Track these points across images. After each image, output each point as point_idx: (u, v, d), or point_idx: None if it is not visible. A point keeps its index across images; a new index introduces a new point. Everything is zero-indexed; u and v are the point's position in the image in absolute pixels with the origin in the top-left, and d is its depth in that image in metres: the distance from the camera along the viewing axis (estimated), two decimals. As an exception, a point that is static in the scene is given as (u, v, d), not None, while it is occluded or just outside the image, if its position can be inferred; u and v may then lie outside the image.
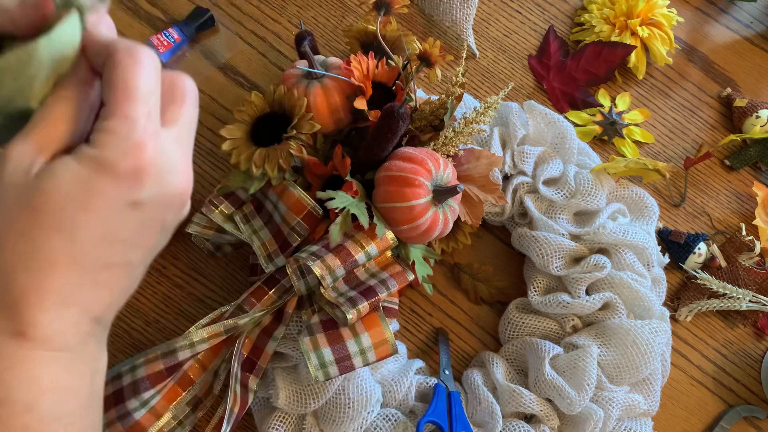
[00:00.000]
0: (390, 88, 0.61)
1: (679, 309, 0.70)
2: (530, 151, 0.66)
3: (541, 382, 0.60)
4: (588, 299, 0.62)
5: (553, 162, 0.67)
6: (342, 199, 0.53)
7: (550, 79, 0.77)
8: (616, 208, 0.66)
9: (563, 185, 0.66)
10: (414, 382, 0.61)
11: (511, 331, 0.66)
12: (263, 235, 0.59)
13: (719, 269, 0.70)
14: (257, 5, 0.78)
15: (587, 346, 0.61)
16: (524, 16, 0.81)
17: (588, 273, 0.62)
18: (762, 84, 0.80)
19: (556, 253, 0.63)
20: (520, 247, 0.67)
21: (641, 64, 0.77)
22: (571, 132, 0.68)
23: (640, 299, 0.63)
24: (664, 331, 0.62)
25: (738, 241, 0.71)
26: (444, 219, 0.56)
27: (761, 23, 0.83)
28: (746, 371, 0.69)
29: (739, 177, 0.76)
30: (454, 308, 0.69)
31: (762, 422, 0.68)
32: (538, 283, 0.66)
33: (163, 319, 0.66)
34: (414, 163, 0.54)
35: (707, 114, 0.78)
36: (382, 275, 0.56)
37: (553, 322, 0.65)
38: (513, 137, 0.67)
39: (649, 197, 0.69)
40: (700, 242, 0.70)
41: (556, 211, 0.66)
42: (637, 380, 0.61)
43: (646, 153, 0.76)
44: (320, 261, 0.53)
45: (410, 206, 0.53)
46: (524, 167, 0.66)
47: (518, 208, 0.67)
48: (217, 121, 0.73)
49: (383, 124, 0.55)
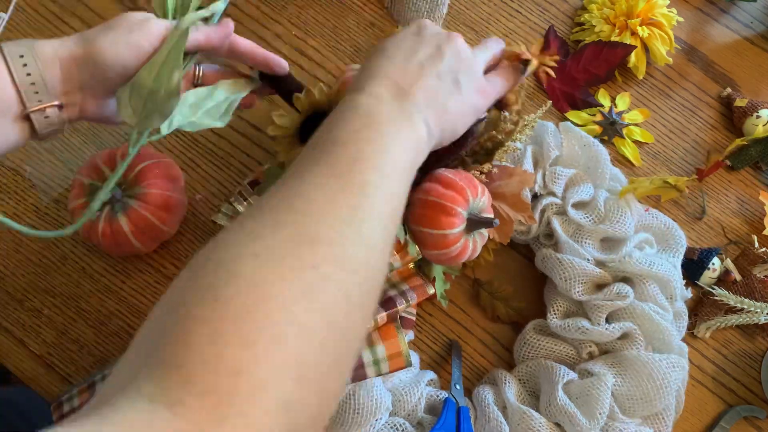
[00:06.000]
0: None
1: (697, 326, 0.69)
2: (562, 172, 0.66)
3: (552, 407, 0.59)
4: (607, 327, 0.61)
5: (584, 185, 0.66)
6: None
7: (550, 79, 0.77)
8: (644, 237, 0.65)
9: (592, 210, 0.65)
10: (424, 394, 0.61)
11: (526, 352, 0.65)
12: None
13: (734, 283, 0.69)
14: (257, 5, 0.78)
15: (602, 374, 0.60)
16: (524, 16, 0.81)
17: (610, 301, 0.62)
18: (762, 84, 0.80)
19: (580, 278, 0.63)
20: (543, 268, 0.66)
21: (641, 64, 0.77)
22: (605, 157, 0.67)
23: (660, 332, 0.62)
24: (682, 367, 0.61)
25: (752, 253, 0.70)
26: (473, 246, 0.55)
27: (761, 23, 0.83)
28: (746, 371, 0.69)
29: (739, 177, 0.76)
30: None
31: (762, 422, 0.68)
32: (558, 306, 0.65)
33: (163, 319, 0.66)
34: (453, 190, 0.52)
35: (707, 114, 0.78)
36: (403, 286, 0.56)
37: (569, 346, 0.64)
38: (546, 157, 0.66)
39: (678, 229, 0.68)
40: (714, 257, 0.69)
41: (583, 236, 0.65)
42: (650, 414, 0.61)
43: (646, 153, 0.76)
44: None
45: (444, 234, 0.52)
46: (555, 188, 0.65)
47: (545, 228, 0.67)
48: (217, 121, 0.73)
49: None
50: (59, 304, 0.66)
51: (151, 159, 0.63)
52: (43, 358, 0.65)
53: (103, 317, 0.66)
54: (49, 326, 0.66)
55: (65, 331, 0.66)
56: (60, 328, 0.66)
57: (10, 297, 0.66)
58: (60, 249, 0.68)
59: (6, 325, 0.66)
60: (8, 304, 0.66)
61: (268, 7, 0.78)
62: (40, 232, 0.52)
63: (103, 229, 0.61)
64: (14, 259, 0.67)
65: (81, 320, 0.66)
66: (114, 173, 0.53)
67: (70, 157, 0.71)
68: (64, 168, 0.70)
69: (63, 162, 0.71)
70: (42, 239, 0.68)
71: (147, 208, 0.61)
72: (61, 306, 0.66)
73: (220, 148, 0.72)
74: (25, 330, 0.66)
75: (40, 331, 0.66)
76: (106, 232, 0.61)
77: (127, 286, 0.67)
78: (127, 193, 0.61)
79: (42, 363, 0.65)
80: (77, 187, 0.62)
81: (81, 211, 0.61)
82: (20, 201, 0.69)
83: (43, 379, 0.64)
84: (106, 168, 0.62)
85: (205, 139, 0.72)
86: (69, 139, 0.71)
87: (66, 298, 0.67)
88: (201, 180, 0.71)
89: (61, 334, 0.66)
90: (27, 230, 0.51)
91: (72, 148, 0.71)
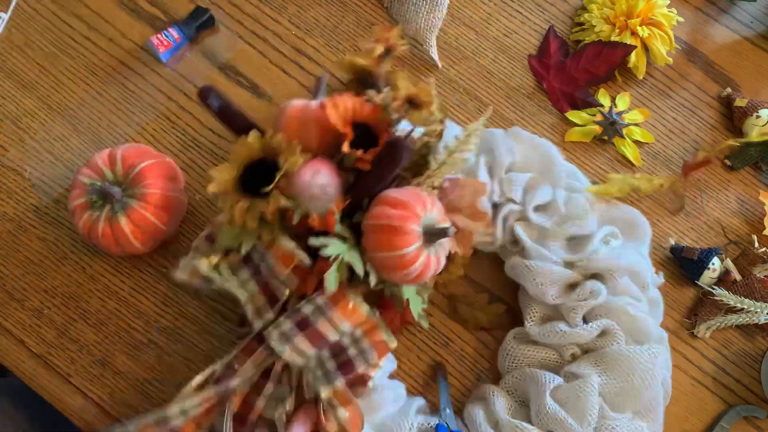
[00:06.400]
0: (371, 129, 0.58)
1: (697, 326, 0.69)
2: (518, 178, 0.65)
3: (543, 415, 0.59)
4: (585, 327, 0.61)
5: (542, 188, 0.66)
6: (336, 247, 0.52)
7: (550, 79, 0.77)
8: (609, 231, 0.65)
9: (554, 211, 0.65)
10: (415, 425, 0.60)
11: (510, 362, 0.65)
12: (251, 287, 0.56)
13: (734, 283, 0.69)
14: (257, 5, 0.78)
15: (588, 375, 0.60)
16: (524, 15, 0.81)
17: (584, 300, 0.62)
18: (762, 84, 0.80)
19: (551, 282, 0.63)
20: (514, 276, 0.66)
21: (641, 64, 0.77)
22: (558, 156, 0.67)
23: (637, 324, 0.62)
24: (663, 356, 0.61)
25: (751, 253, 0.70)
26: (436, 259, 0.55)
27: (761, 23, 0.83)
28: (746, 371, 0.69)
29: (739, 177, 0.76)
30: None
31: (762, 422, 0.68)
32: (535, 312, 0.65)
33: (163, 319, 0.66)
34: (401, 208, 0.52)
35: (707, 114, 0.78)
36: (364, 343, 0.56)
37: (552, 351, 0.64)
38: (500, 165, 0.66)
39: (639, 216, 0.68)
40: (714, 257, 0.70)
41: (548, 238, 0.65)
42: (639, 406, 0.61)
43: (647, 153, 0.76)
44: (290, 345, 0.53)
45: (402, 254, 0.52)
46: (513, 195, 0.65)
47: (510, 236, 0.66)
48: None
49: (387, 154, 0.54)
50: (59, 304, 0.66)
51: (151, 159, 0.63)
52: (43, 358, 0.65)
53: (103, 317, 0.66)
54: (49, 326, 0.66)
55: (65, 331, 0.66)
56: (60, 328, 0.66)
57: (10, 297, 0.66)
58: (60, 249, 0.68)
59: (6, 325, 0.66)
60: (8, 304, 0.66)
61: (268, 6, 0.78)
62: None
63: (103, 229, 0.61)
64: (14, 259, 0.67)
65: (81, 320, 0.66)
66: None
67: (70, 157, 0.71)
68: (64, 168, 0.70)
69: (63, 162, 0.71)
70: (42, 239, 0.68)
71: (147, 208, 0.61)
72: (61, 306, 0.66)
73: (220, 147, 0.72)
74: (25, 330, 0.66)
75: (40, 331, 0.66)
76: (106, 232, 0.61)
77: (127, 286, 0.67)
78: (127, 193, 0.61)
79: (42, 363, 0.65)
80: (77, 187, 0.62)
81: (81, 211, 0.61)
82: (20, 201, 0.69)
83: (43, 379, 0.64)
84: (106, 168, 0.62)
85: (206, 138, 0.73)
86: (69, 139, 0.71)
87: (66, 298, 0.67)
88: (201, 180, 0.71)
89: (61, 334, 0.66)
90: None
91: (72, 148, 0.71)
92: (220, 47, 0.76)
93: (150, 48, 0.74)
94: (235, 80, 0.75)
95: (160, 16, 0.77)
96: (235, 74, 0.75)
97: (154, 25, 0.76)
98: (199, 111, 0.73)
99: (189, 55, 0.75)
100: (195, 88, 0.74)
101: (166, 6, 0.77)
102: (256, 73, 0.75)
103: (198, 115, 0.73)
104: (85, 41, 0.75)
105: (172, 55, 0.75)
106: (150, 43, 0.73)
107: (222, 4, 0.77)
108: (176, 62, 0.75)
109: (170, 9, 0.77)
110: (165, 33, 0.73)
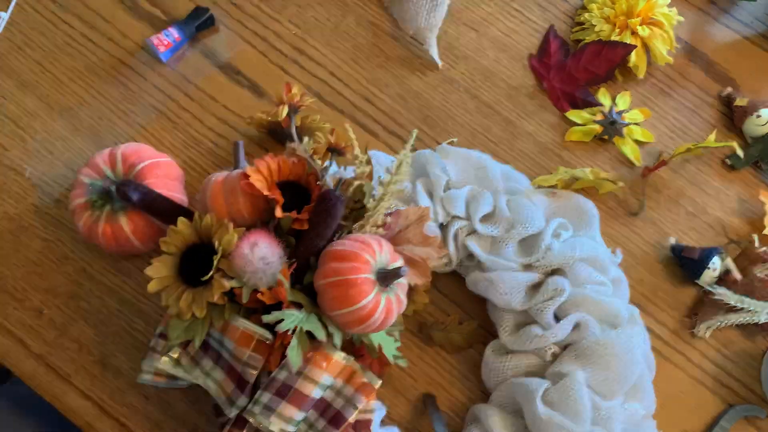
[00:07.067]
0: (301, 185, 0.58)
1: (698, 326, 0.69)
2: (457, 194, 0.65)
3: (537, 423, 0.59)
4: (558, 326, 0.61)
5: (483, 198, 0.65)
6: (292, 319, 0.51)
7: (551, 79, 0.77)
8: (557, 224, 0.65)
9: (499, 218, 0.65)
10: None
11: (494, 377, 0.64)
12: (217, 375, 0.55)
13: (735, 283, 0.69)
14: (257, 4, 0.78)
15: (572, 372, 0.60)
16: (524, 15, 0.80)
17: (550, 299, 0.62)
18: (762, 84, 0.80)
19: (514, 289, 0.62)
20: (477, 291, 0.65)
21: (642, 64, 0.77)
22: (490, 162, 0.67)
23: (606, 308, 0.62)
24: (639, 333, 0.61)
25: (752, 253, 0.70)
26: (397, 299, 0.54)
27: (762, 23, 0.83)
28: (746, 371, 0.69)
29: (739, 176, 0.76)
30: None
31: (762, 422, 0.68)
32: (506, 322, 0.64)
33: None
34: (349, 260, 0.51)
35: (708, 113, 0.78)
36: (347, 391, 0.54)
37: (532, 356, 0.64)
38: (437, 185, 0.65)
39: (585, 201, 0.68)
40: (714, 257, 0.69)
41: (501, 246, 0.64)
42: (628, 388, 0.61)
43: (647, 153, 0.76)
44: (275, 415, 0.52)
45: (361, 306, 0.51)
46: (456, 212, 0.64)
47: (464, 252, 0.66)
48: (218, 120, 0.73)
49: (322, 209, 0.53)
50: (59, 304, 0.66)
51: (152, 158, 0.63)
52: (43, 358, 0.65)
53: (103, 317, 0.66)
54: (49, 326, 0.66)
55: (65, 331, 0.66)
56: (60, 328, 0.66)
57: (10, 297, 0.66)
58: (60, 249, 0.68)
59: (6, 325, 0.66)
60: (8, 304, 0.66)
61: (268, 6, 0.78)
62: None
63: (103, 229, 0.61)
64: (14, 259, 0.67)
65: (81, 320, 0.66)
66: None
67: (71, 157, 0.71)
68: (64, 168, 0.70)
69: (63, 162, 0.71)
70: (42, 239, 0.68)
71: (147, 208, 0.61)
72: (61, 306, 0.66)
73: (220, 147, 0.72)
74: (25, 330, 0.66)
75: (40, 331, 0.66)
76: (107, 232, 0.61)
77: (127, 286, 0.67)
78: (127, 193, 0.61)
79: (42, 363, 0.65)
80: (78, 187, 0.62)
81: (82, 210, 0.61)
82: (20, 201, 0.69)
83: (43, 379, 0.64)
84: (107, 168, 0.62)
85: (206, 138, 0.73)
86: (69, 139, 0.71)
87: (66, 298, 0.67)
88: (201, 180, 0.71)
89: (61, 334, 0.66)
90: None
91: (72, 148, 0.71)
92: (220, 47, 0.76)
93: (150, 48, 0.74)
94: (235, 80, 0.75)
95: (160, 15, 0.77)
96: (235, 74, 0.75)
97: (154, 24, 0.76)
98: (199, 110, 0.73)
99: (189, 55, 0.75)
100: (195, 88, 0.74)
101: (166, 5, 0.77)
102: (256, 73, 0.75)
103: (198, 115, 0.73)
104: (85, 41, 0.75)
105: (172, 54, 0.75)
106: (150, 42, 0.73)
107: (222, 3, 0.77)
108: (176, 62, 0.75)
109: (170, 8, 0.77)
110: (165, 33, 0.73)
